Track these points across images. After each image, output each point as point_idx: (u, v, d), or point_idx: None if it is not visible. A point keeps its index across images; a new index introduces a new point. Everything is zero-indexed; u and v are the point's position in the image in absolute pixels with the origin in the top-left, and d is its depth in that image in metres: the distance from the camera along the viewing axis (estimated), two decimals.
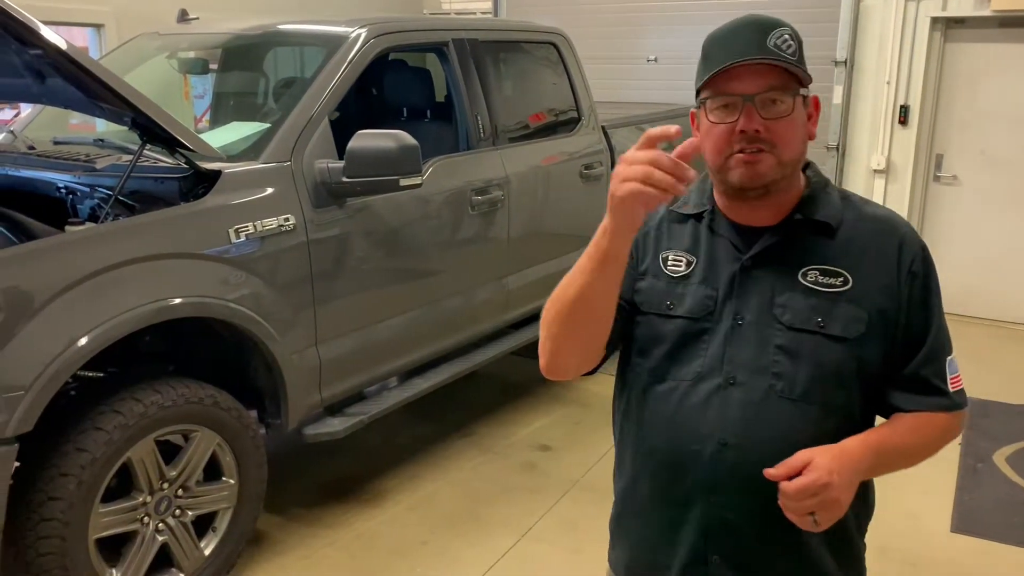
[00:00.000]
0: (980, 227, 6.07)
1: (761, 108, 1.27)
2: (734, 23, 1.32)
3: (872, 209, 1.40)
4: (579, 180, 4.44)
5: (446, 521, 3.42)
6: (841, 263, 1.34)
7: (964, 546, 3.30)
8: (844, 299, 1.32)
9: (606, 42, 6.87)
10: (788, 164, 1.31)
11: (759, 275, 1.35)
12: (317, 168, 3.05)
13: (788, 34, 1.30)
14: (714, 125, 1.30)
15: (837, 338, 1.31)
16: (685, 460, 1.36)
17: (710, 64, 1.30)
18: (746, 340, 1.34)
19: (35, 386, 2.30)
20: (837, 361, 1.32)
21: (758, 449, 1.31)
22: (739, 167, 1.30)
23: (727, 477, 1.34)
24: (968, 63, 5.94)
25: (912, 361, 1.36)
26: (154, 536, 2.71)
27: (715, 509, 1.36)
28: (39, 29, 2.37)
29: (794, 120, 1.30)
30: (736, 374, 1.34)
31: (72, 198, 2.98)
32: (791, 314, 1.33)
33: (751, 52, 1.27)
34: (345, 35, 3.41)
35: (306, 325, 3.05)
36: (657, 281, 1.42)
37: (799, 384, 1.32)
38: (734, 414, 1.33)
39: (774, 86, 1.27)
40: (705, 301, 1.37)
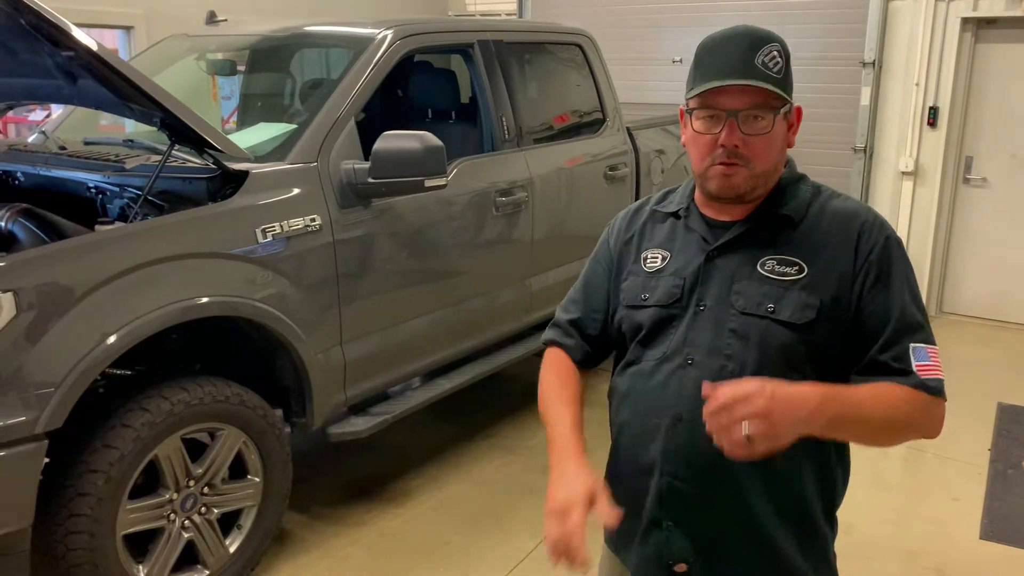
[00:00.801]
0: (1011, 230, 5.98)
1: (743, 123, 1.38)
2: (727, 34, 1.41)
3: (839, 203, 1.48)
4: (603, 181, 4.44)
5: (469, 522, 3.42)
6: (799, 253, 1.42)
7: (993, 553, 3.25)
8: (798, 287, 1.39)
9: (631, 43, 6.85)
10: (761, 175, 1.42)
11: (722, 264, 1.46)
12: (343, 169, 3.07)
13: (776, 51, 1.39)
14: (698, 134, 1.43)
15: (785, 323, 1.39)
16: (648, 432, 1.47)
17: (700, 74, 1.40)
18: (705, 324, 1.44)
19: (65, 383, 2.33)
20: (785, 345, 1.39)
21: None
22: (716, 178, 1.42)
23: (680, 448, 1.43)
24: (999, 64, 5.86)
25: (871, 348, 1.39)
26: (180, 533, 2.73)
27: (667, 478, 1.45)
28: (71, 31, 2.40)
29: (772, 136, 1.40)
30: (694, 355, 1.43)
31: (102, 198, 3.02)
32: (744, 300, 1.42)
33: (739, 70, 1.36)
34: (371, 37, 3.42)
35: (331, 325, 3.06)
36: (637, 277, 1.55)
37: (749, 365, 1.39)
38: (689, 391, 1.41)
39: (757, 104, 1.37)
40: (672, 290, 1.48)
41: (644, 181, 4.72)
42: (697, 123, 1.42)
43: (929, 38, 5.92)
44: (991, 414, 4.47)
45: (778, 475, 1.41)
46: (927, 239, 6.17)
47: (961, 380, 5.03)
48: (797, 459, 1.40)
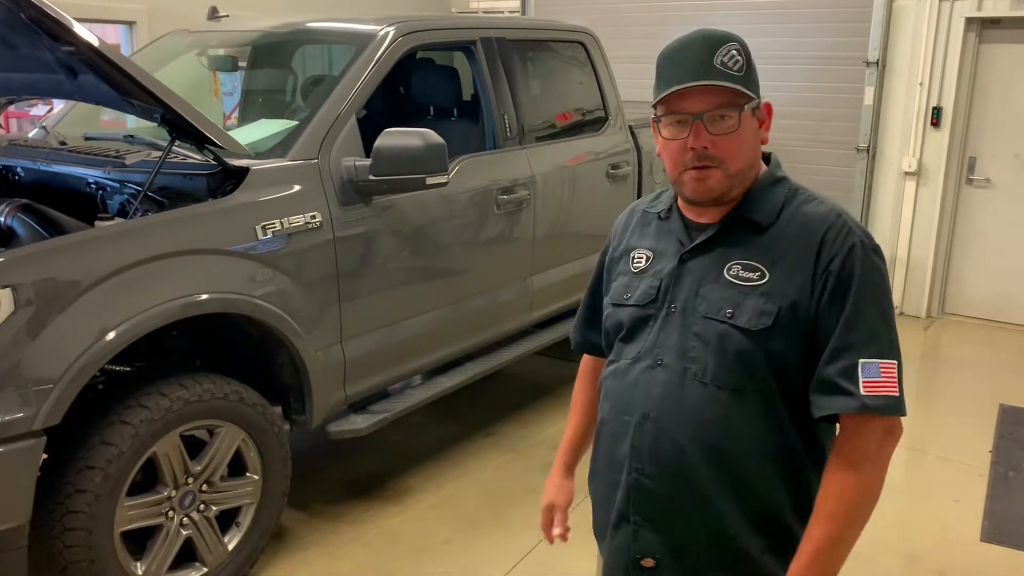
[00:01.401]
0: (1014, 231, 5.97)
1: (709, 124, 1.39)
2: (683, 40, 1.42)
3: (811, 207, 1.46)
4: (605, 180, 4.42)
5: (469, 520, 3.42)
6: (762, 259, 1.42)
7: (994, 556, 3.24)
8: (757, 293, 1.40)
9: (634, 41, 6.83)
10: (736, 175, 1.43)
11: (693, 267, 1.48)
12: (344, 166, 3.06)
13: (735, 50, 1.40)
14: (668, 141, 1.44)
15: (742, 329, 1.40)
16: (620, 429, 1.51)
17: (662, 83, 1.42)
18: (674, 326, 1.47)
19: (63, 380, 2.32)
20: (741, 350, 1.40)
21: (672, 424, 1.44)
22: (690, 183, 1.44)
23: (646, 445, 1.46)
24: (1003, 64, 5.84)
25: (820, 361, 1.38)
26: (178, 530, 2.72)
27: (635, 475, 1.48)
28: (72, 26, 2.39)
29: (741, 134, 1.40)
30: (663, 356, 1.47)
31: (102, 193, 3.01)
32: (707, 304, 1.44)
33: (698, 72, 1.37)
34: (373, 33, 3.41)
35: (331, 322, 3.06)
36: (624, 276, 1.59)
37: (710, 369, 1.42)
38: (657, 391, 1.46)
39: (721, 104, 1.38)
40: (649, 290, 1.52)
41: (646, 180, 4.71)
42: (665, 130, 1.44)
43: (933, 38, 5.90)
44: (992, 416, 4.46)
45: (746, 483, 1.42)
46: (930, 239, 6.15)
47: (963, 381, 5.03)
48: (766, 467, 1.42)
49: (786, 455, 1.43)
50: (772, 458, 1.42)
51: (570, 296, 4.32)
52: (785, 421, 1.42)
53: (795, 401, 1.41)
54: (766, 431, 1.42)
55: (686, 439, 1.43)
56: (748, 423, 1.41)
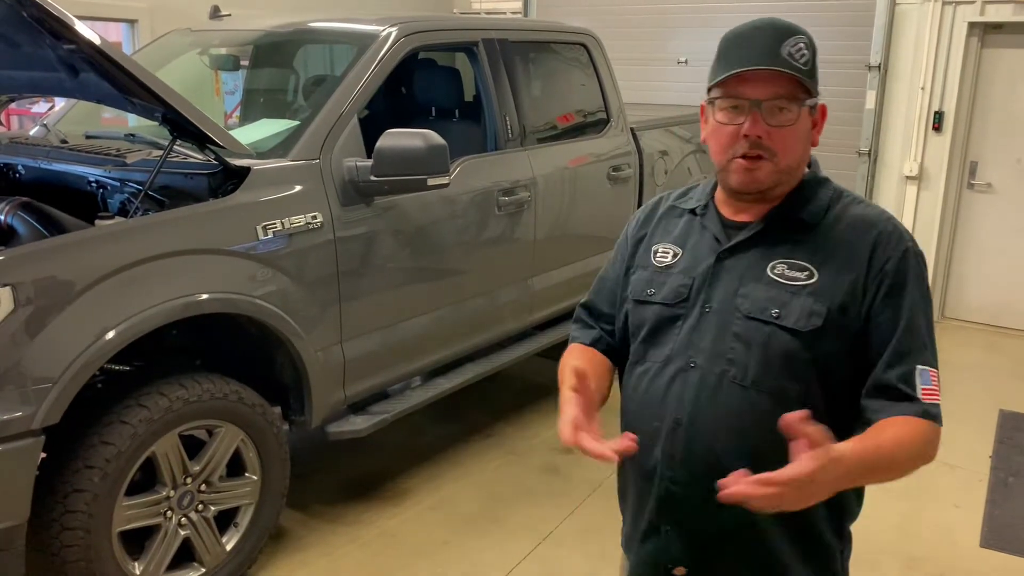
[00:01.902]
0: (1015, 236, 5.96)
1: (767, 114, 1.34)
2: (752, 24, 1.38)
3: (859, 209, 1.42)
4: (607, 182, 4.42)
5: (467, 522, 3.41)
6: (810, 259, 1.38)
7: (994, 561, 3.24)
8: (805, 293, 1.35)
9: (636, 43, 6.83)
10: (785, 171, 1.38)
11: (732, 266, 1.42)
12: (345, 166, 3.05)
13: (804, 43, 1.36)
14: (721, 125, 1.38)
15: (790, 330, 1.35)
16: (650, 435, 1.44)
17: (724, 64, 1.37)
18: (709, 327, 1.41)
19: (63, 379, 2.32)
20: (788, 352, 1.35)
21: (707, 429, 1.38)
22: (739, 172, 1.38)
23: (678, 453, 1.41)
24: (1005, 69, 5.84)
25: (877, 366, 1.34)
26: (176, 530, 2.72)
27: (666, 483, 1.43)
28: (73, 24, 2.39)
29: (797, 129, 1.36)
30: (696, 358, 1.41)
31: (103, 192, 3.01)
32: (749, 303, 1.38)
33: (765, 58, 1.33)
34: (375, 34, 3.41)
35: (331, 323, 3.05)
36: (645, 272, 1.53)
37: (751, 371, 1.36)
38: (690, 395, 1.40)
39: (782, 94, 1.34)
40: (679, 289, 1.46)
41: (647, 182, 4.70)
42: (720, 114, 1.38)
43: (936, 42, 5.90)
44: (993, 421, 4.46)
45: None
46: (931, 244, 6.14)
47: (963, 386, 5.02)
48: None
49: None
50: None
51: (570, 298, 4.31)
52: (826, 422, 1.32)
53: (835, 403, 1.37)
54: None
55: (721, 445, 1.37)
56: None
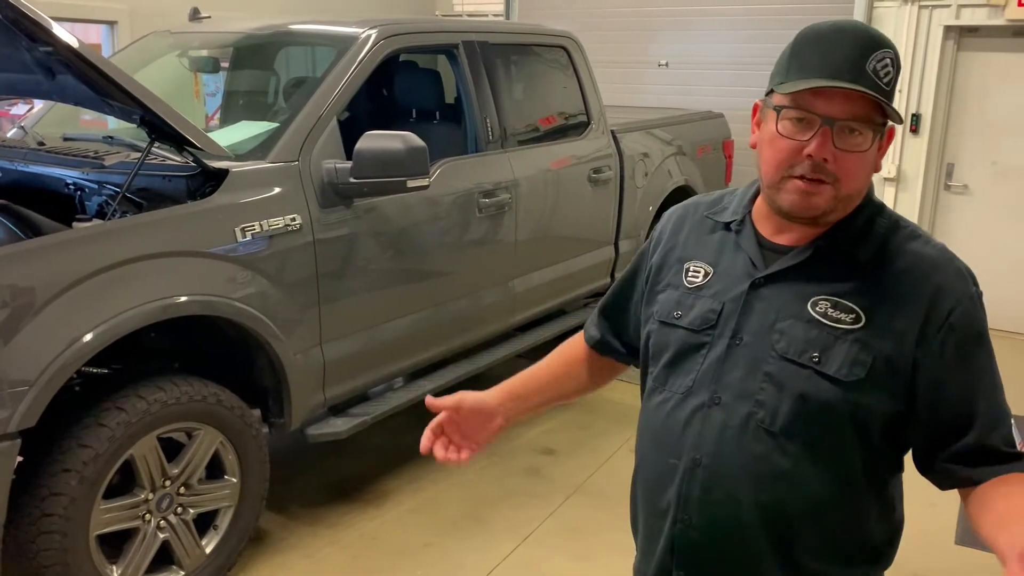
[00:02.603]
0: (991, 237, 6.04)
1: (837, 136, 1.18)
2: (835, 27, 1.23)
3: (918, 246, 1.27)
4: (587, 184, 4.43)
5: (449, 524, 3.42)
6: (859, 300, 1.23)
7: (968, 559, 3.27)
8: (850, 338, 1.22)
9: (617, 46, 6.86)
10: (845, 199, 1.23)
11: (768, 296, 1.28)
12: (325, 168, 3.05)
13: (891, 58, 1.20)
14: (780, 137, 1.22)
15: (830, 378, 1.22)
16: (665, 472, 1.34)
17: (799, 69, 1.21)
18: (738, 361, 1.28)
19: (39, 381, 2.31)
20: (826, 402, 1.22)
21: (729, 474, 1.27)
22: (794, 193, 1.22)
23: (696, 496, 1.30)
24: (981, 72, 5.91)
25: (970, 430, 1.22)
26: (155, 533, 2.71)
27: (682, 525, 1.32)
28: (51, 27, 2.38)
29: (866, 157, 1.21)
30: (721, 395, 1.28)
31: (80, 194, 2.99)
32: (786, 342, 1.25)
33: (849, 73, 1.17)
34: (356, 36, 3.41)
35: (311, 325, 3.05)
36: (675, 291, 1.39)
37: (780, 417, 1.24)
38: (712, 435, 1.28)
39: (859, 116, 1.18)
40: (708, 314, 1.32)
41: (628, 184, 4.72)
42: (783, 124, 1.21)
43: (912, 45, 5.97)
44: None
45: (804, 547, 1.27)
46: None
47: None
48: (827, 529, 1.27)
49: (852, 515, 1.28)
50: (837, 520, 1.26)
51: (552, 299, 4.33)
52: (858, 478, 1.26)
53: (872, 455, 1.26)
54: (833, 488, 1.25)
55: (743, 492, 1.26)
56: (812, 479, 1.24)
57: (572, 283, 4.43)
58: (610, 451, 3.97)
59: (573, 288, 4.47)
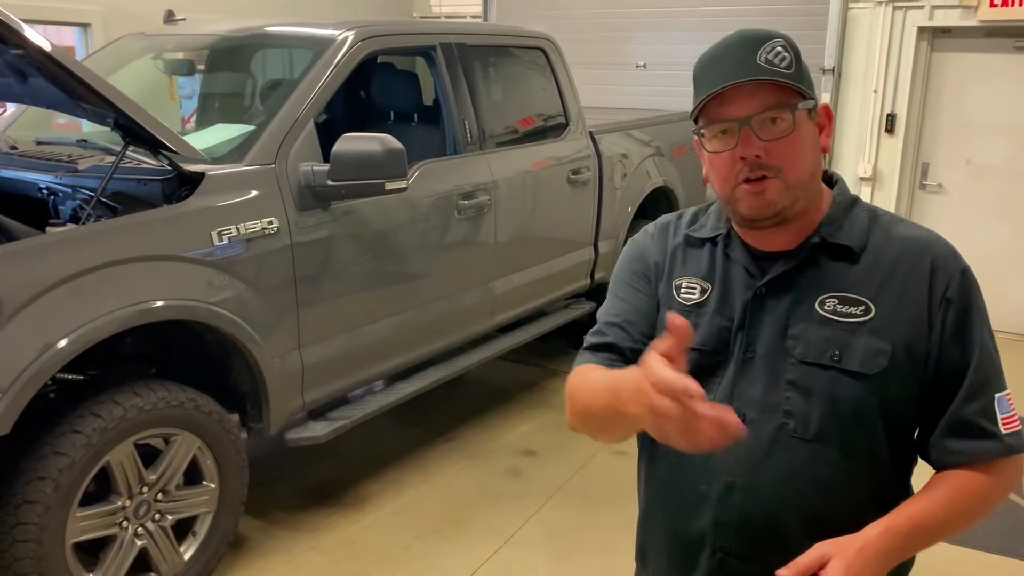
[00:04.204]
0: (966, 235, 6.08)
1: (759, 130, 1.20)
2: (722, 43, 1.25)
3: (903, 229, 1.29)
4: (566, 185, 4.44)
5: (429, 526, 3.41)
6: (863, 290, 1.24)
7: (955, 556, 3.29)
8: (865, 330, 1.22)
9: (595, 47, 6.88)
10: (797, 186, 1.23)
11: (773, 304, 1.27)
12: (302, 171, 3.04)
13: (781, 46, 1.21)
14: (714, 155, 1.24)
15: (855, 373, 1.21)
16: (694, 500, 1.30)
17: (699, 91, 1.24)
18: (757, 374, 1.26)
19: (13, 388, 2.28)
20: (855, 399, 1.21)
21: (768, 492, 1.24)
22: (746, 198, 1.23)
23: (734, 522, 1.26)
24: (954, 73, 5.98)
25: (953, 401, 1.23)
26: (133, 541, 2.68)
27: (721, 554, 1.28)
28: (22, 29, 2.35)
29: (797, 138, 1.21)
30: (746, 411, 1.24)
31: (54, 199, 2.96)
32: (804, 347, 1.23)
33: (740, 72, 1.19)
34: (332, 38, 3.40)
35: (289, 329, 3.03)
36: (670, 311, 1.33)
37: (813, 423, 1.22)
38: (742, 454, 1.24)
39: (770, 104, 1.20)
40: (721, 333, 1.29)
41: (607, 185, 4.73)
42: (711, 143, 1.24)
43: (887, 46, 6.03)
44: None
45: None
46: None
47: None
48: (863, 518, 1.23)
49: (884, 508, 1.25)
50: (871, 516, 1.23)
51: (532, 300, 4.33)
52: (889, 472, 1.27)
53: (900, 450, 1.28)
54: (870, 487, 1.26)
55: (786, 510, 1.23)
56: (853, 481, 1.24)
57: (552, 284, 4.44)
58: (591, 452, 3.98)
59: (553, 289, 4.47)
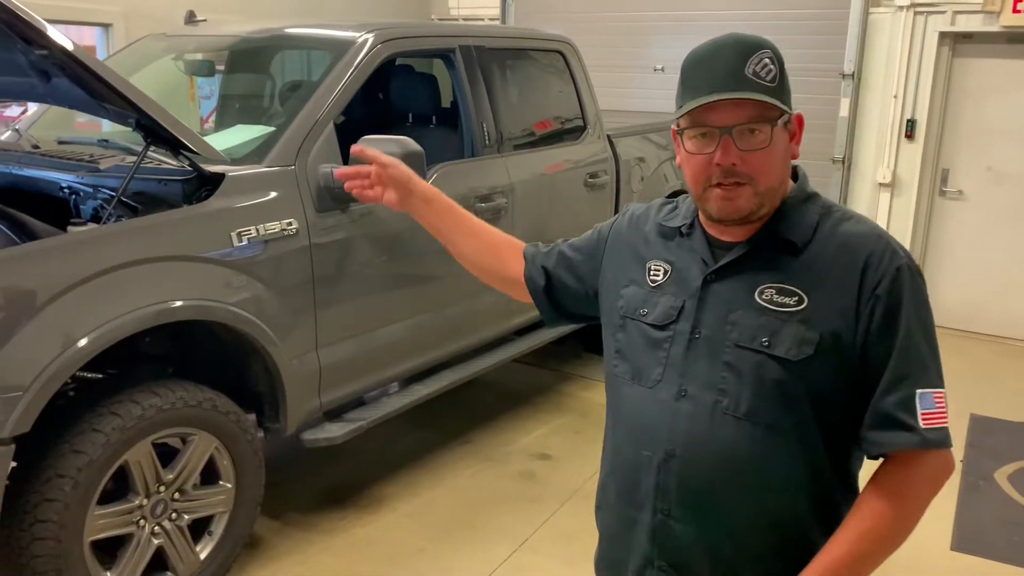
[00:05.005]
0: (985, 243, 6.05)
1: (738, 139, 1.29)
2: (712, 45, 1.32)
3: (850, 226, 1.36)
4: (583, 189, 4.44)
5: (443, 529, 3.41)
6: (799, 282, 1.32)
7: (964, 565, 3.28)
8: (796, 320, 1.30)
9: (613, 51, 6.87)
10: (766, 193, 1.33)
11: (720, 290, 1.38)
12: (321, 172, 3.04)
13: (768, 57, 1.29)
14: (691, 155, 1.33)
15: (780, 359, 1.30)
16: (641, 463, 1.40)
17: (688, 92, 1.31)
18: (700, 354, 1.36)
19: (33, 387, 2.29)
20: (780, 382, 1.30)
21: (703, 462, 1.34)
22: (718, 201, 1.33)
23: (673, 486, 1.36)
24: (976, 78, 5.93)
25: (875, 393, 1.30)
26: (150, 539, 2.69)
27: (661, 515, 1.38)
28: (45, 29, 2.37)
29: (772, 150, 1.31)
30: (688, 387, 1.36)
31: (75, 198, 2.98)
32: (739, 331, 1.33)
33: (728, 83, 1.27)
34: (352, 40, 3.41)
35: (306, 330, 3.04)
36: (640, 289, 1.48)
37: (743, 402, 1.32)
38: (682, 426, 1.35)
39: (752, 117, 1.28)
40: (669, 311, 1.41)
41: (624, 189, 4.72)
42: (689, 143, 1.33)
43: (908, 51, 5.98)
44: (964, 425, 4.51)
45: (780, 519, 1.34)
46: None
47: None
48: (800, 502, 1.34)
49: (820, 488, 1.35)
50: (806, 493, 1.34)
51: None
52: (821, 455, 1.33)
53: (832, 433, 1.33)
54: (802, 466, 1.33)
55: (718, 479, 1.33)
56: (784, 459, 1.31)
57: None
58: None
59: None
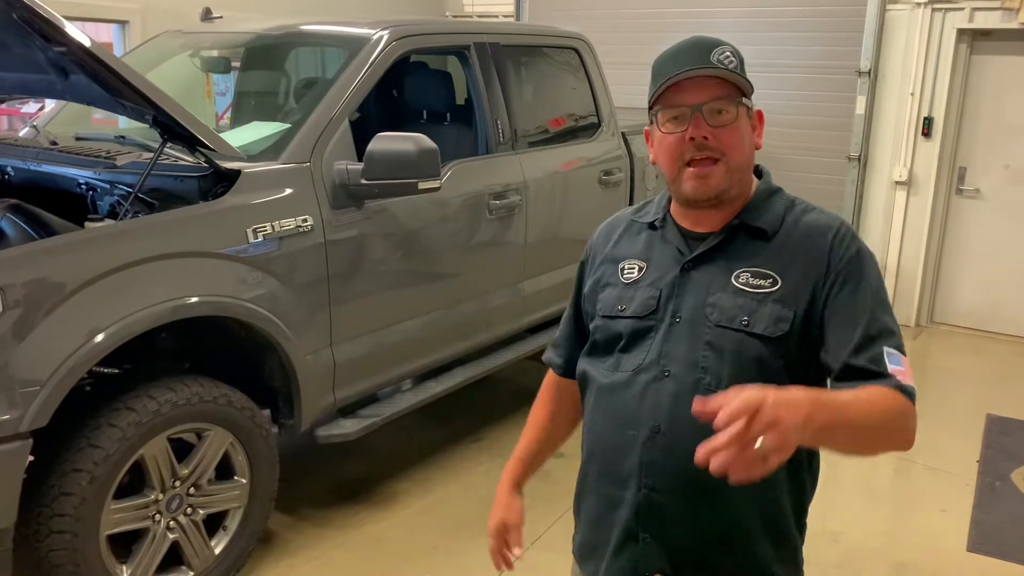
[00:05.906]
0: (1003, 241, 6.00)
1: (708, 117, 1.40)
2: (677, 45, 1.46)
3: (813, 215, 1.48)
4: (597, 186, 4.43)
5: (456, 526, 3.41)
6: (772, 266, 1.43)
7: (981, 566, 3.25)
8: (771, 299, 1.40)
9: (627, 47, 6.83)
10: (736, 170, 1.43)
11: (697, 277, 1.46)
12: (336, 169, 3.05)
13: (730, 51, 1.44)
14: (666, 136, 1.44)
15: (759, 336, 1.39)
16: (624, 443, 1.47)
17: (657, 81, 1.44)
18: (681, 336, 1.44)
19: (51, 381, 2.31)
20: (759, 358, 1.39)
21: (686, 437, 1.36)
22: (691, 180, 1.43)
23: (658, 461, 1.43)
24: (994, 76, 5.88)
25: (844, 352, 1.36)
26: (165, 534, 2.71)
27: (646, 490, 1.44)
28: (64, 26, 2.38)
29: (739, 128, 1.42)
30: (670, 367, 1.43)
31: (92, 194, 3.00)
32: (719, 313, 1.42)
33: (696, 64, 1.40)
34: (367, 37, 3.41)
35: (321, 326, 3.05)
36: (614, 288, 1.55)
37: (724, 379, 1.39)
38: (666, 404, 1.42)
39: (719, 96, 1.40)
40: (648, 301, 1.49)
41: (638, 186, 4.71)
42: (664, 125, 1.44)
43: (925, 48, 5.93)
44: (980, 425, 4.48)
45: (758, 491, 1.35)
46: (919, 248, 6.18)
47: (951, 391, 5.05)
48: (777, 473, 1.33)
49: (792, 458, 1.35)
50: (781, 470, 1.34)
51: (561, 301, 4.28)
52: None
53: None
54: None
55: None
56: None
57: None
58: None
59: None
